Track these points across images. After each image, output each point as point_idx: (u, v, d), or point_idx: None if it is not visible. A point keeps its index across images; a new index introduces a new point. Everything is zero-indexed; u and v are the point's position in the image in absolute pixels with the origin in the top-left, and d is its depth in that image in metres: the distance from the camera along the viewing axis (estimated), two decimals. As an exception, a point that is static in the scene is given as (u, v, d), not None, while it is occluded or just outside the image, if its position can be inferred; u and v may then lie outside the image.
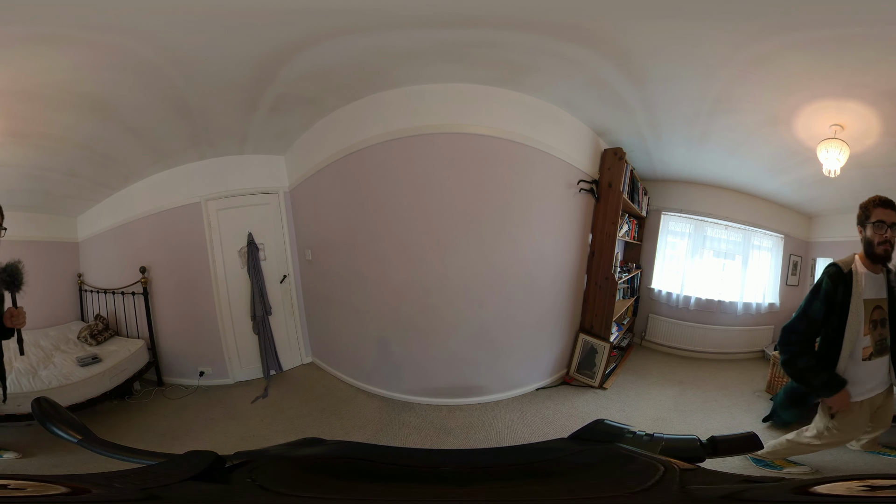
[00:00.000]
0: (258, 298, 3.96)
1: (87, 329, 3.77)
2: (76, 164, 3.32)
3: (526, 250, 3.48)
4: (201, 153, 3.71)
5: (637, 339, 5.08)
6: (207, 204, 3.84)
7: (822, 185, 3.70)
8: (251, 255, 3.96)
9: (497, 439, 3.04)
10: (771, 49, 2.23)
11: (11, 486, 0.61)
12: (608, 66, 2.62)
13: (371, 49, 2.50)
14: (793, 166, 3.62)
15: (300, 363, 4.31)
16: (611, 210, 3.78)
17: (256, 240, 4.01)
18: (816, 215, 4.62)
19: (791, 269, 4.71)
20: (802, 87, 2.59)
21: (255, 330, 4.00)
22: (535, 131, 3.23)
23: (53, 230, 3.95)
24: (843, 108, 2.70)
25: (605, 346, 3.86)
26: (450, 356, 3.49)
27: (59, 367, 3.17)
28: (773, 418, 2.93)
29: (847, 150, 2.91)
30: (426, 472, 0.79)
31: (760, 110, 2.92)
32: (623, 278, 4.42)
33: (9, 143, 2.79)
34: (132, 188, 3.85)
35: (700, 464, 0.77)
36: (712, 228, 4.80)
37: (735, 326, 4.72)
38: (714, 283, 4.83)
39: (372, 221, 3.44)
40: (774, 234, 4.70)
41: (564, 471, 0.79)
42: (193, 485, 0.63)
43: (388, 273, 3.46)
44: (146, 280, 3.83)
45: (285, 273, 4.20)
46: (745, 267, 4.78)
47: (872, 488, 0.60)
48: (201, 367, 3.90)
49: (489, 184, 3.25)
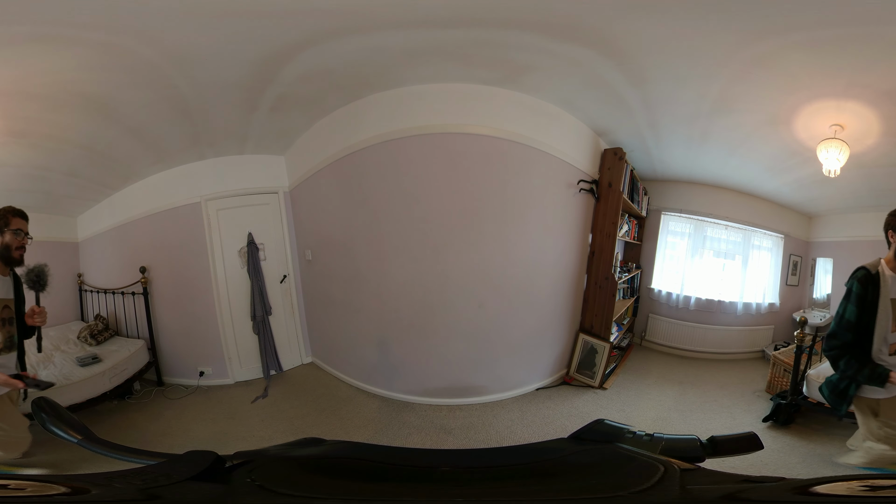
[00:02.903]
0: (258, 298, 3.96)
1: (87, 329, 3.77)
2: (76, 164, 3.32)
3: (526, 250, 3.48)
4: (201, 153, 3.71)
5: (637, 339, 5.08)
6: (207, 204, 3.84)
7: (822, 185, 3.70)
8: (251, 255, 3.96)
9: (497, 439, 3.04)
10: (771, 49, 2.23)
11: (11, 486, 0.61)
12: (608, 66, 2.62)
13: (371, 49, 2.50)
14: (793, 166, 3.62)
15: (300, 363, 4.31)
16: (611, 210, 3.78)
17: (256, 240, 4.01)
18: (816, 215, 4.62)
19: (791, 269, 4.71)
20: (802, 87, 2.59)
21: (255, 330, 4.00)
22: (534, 131, 3.23)
23: (53, 230, 3.95)
24: (843, 108, 2.70)
25: (605, 346, 3.86)
26: (450, 356, 3.49)
27: (59, 367, 3.17)
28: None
29: (847, 150, 2.91)
30: (426, 472, 0.79)
31: (760, 110, 2.92)
32: (623, 278, 4.42)
33: (9, 143, 2.79)
34: (132, 188, 3.85)
35: (700, 464, 0.77)
36: (712, 228, 4.80)
37: (735, 326, 4.72)
38: (714, 283, 4.83)
39: (372, 221, 3.44)
40: (774, 234, 4.70)
41: (564, 471, 0.79)
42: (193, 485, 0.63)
43: (388, 273, 3.46)
44: (146, 280, 3.83)
45: (285, 273, 4.20)
46: (745, 267, 4.78)
47: (872, 488, 0.60)
48: (201, 367, 3.90)
49: (489, 184, 3.25)
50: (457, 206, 3.23)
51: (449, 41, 2.47)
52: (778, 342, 4.54)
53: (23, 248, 2.18)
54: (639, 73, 2.68)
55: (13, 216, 2.17)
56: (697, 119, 3.17)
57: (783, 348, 4.08)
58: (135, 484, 0.62)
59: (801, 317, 3.50)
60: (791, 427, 3.06)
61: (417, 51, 2.59)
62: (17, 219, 2.18)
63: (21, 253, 2.17)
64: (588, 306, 4.01)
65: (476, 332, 3.47)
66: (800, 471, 2.54)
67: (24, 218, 2.21)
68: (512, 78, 2.92)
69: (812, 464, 2.63)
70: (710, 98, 2.85)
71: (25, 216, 2.23)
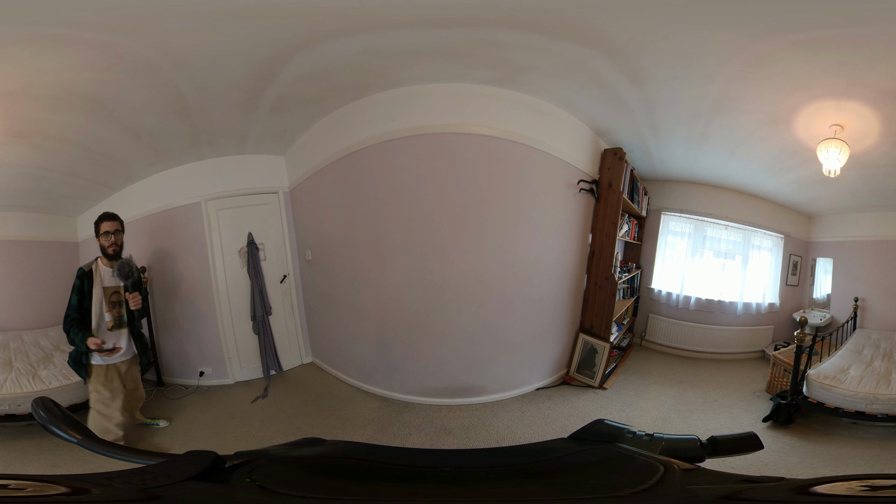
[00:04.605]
0: (258, 298, 3.96)
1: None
2: (76, 164, 3.32)
3: (526, 250, 3.48)
4: (201, 153, 3.71)
5: (637, 339, 5.08)
6: (207, 204, 3.84)
7: (822, 185, 3.70)
8: (251, 255, 3.96)
9: (497, 439, 3.04)
10: (771, 49, 2.23)
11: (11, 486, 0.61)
12: (608, 66, 2.62)
13: (371, 49, 2.50)
14: (793, 166, 3.62)
15: (300, 363, 4.31)
16: (611, 210, 3.78)
17: (256, 240, 4.01)
18: (816, 215, 4.61)
19: (791, 269, 4.71)
20: (802, 87, 2.59)
21: (255, 330, 4.00)
22: (534, 131, 3.23)
23: (53, 230, 3.94)
24: (843, 108, 2.70)
25: (605, 346, 3.86)
26: (450, 356, 3.49)
27: (60, 367, 3.16)
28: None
29: (847, 150, 2.91)
30: (426, 472, 0.79)
31: (760, 110, 2.92)
32: (623, 278, 4.42)
33: (9, 143, 2.79)
34: (132, 188, 3.85)
35: (700, 464, 0.77)
36: (712, 228, 4.80)
37: (735, 326, 4.71)
38: (714, 283, 4.83)
39: (372, 221, 3.44)
40: (774, 234, 4.70)
41: (564, 471, 0.79)
42: (193, 485, 0.63)
43: (388, 273, 3.46)
44: (146, 280, 3.82)
45: (285, 273, 4.20)
46: (745, 267, 4.78)
47: (872, 488, 0.60)
48: (201, 367, 3.90)
49: (489, 184, 3.25)
50: (457, 206, 3.23)
51: (449, 41, 2.47)
52: (778, 342, 4.54)
53: (115, 245, 2.74)
54: (639, 73, 2.67)
55: (102, 221, 2.75)
56: (697, 119, 3.17)
57: (783, 348, 4.08)
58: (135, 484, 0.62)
59: (801, 317, 3.50)
60: (791, 427, 3.06)
61: (417, 51, 2.59)
62: (106, 222, 2.75)
63: (115, 249, 2.74)
64: (588, 306, 4.01)
65: (476, 332, 3.47)
66: (800, 471, 2.54)
67: (112, 219, 2.77)
68: (512, 78, 2.92)
69: (812, 464, 2.63)
70: (710, 98, 2.85)
71: (114, 217, 2.79)
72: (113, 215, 2.80)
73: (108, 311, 2.71)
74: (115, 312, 2.73)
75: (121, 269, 2.70)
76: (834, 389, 3.01)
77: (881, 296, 4.04)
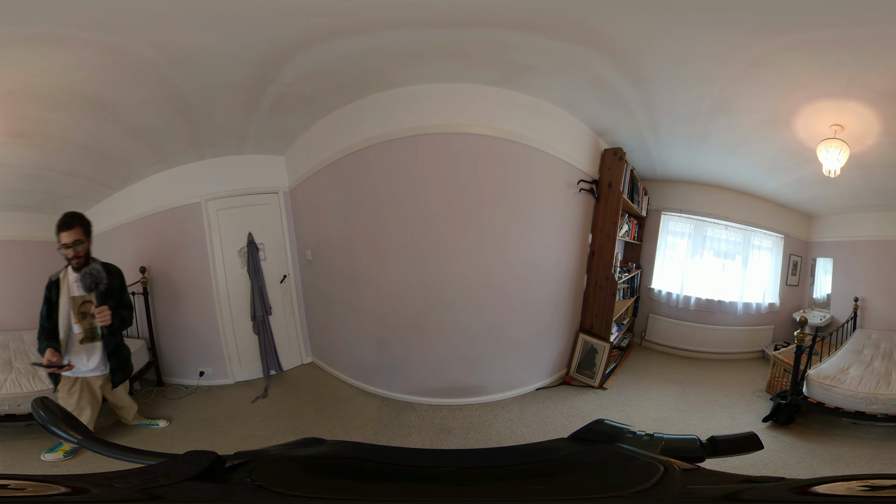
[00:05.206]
0: (258, 298, 3.96)
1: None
2: (76, 164, 3.32)
3: (526, 250, 3.48)
4: (201, 153, 3.71)
5: (637, 339, 5.08)
6: (207, 204, 3.84)
7: (822, 185, 3.70)
8: (251, 255, 3.96)
9: (497, 439, 3.04)
10: (771, 49, 2.23)
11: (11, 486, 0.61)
12: (608, 66, 2.61)
13: (371, 49, 2.50)
14: (793, 166, 3.62)
15: (300, 363, 4.31)
16: (611, 210, 3.78)
17: (256, 240, 4.01)
18: (816, 215, 4.62)
19: (791, 269, 4.71)
20: (802, 87, 2.59)
21: (255, 330, 4.00)
22: (535, 131, 3.23)
23: (53, 230, 3.94)
24: (843, 108, 2.70)
25: (605, 346, 3.86)
26: (450, 356, 3.49)
27: (59, 367, 3.16)
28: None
29: (847, 150, 2.91)
30: (426, 472, 0.79)
31: (760, 110, 2.92)
32: (623, 278, 4.42)
33: (8, 143, 2.79)
34: (132, 188, 3.85)
35: (700, 464, 0.77)
36: (712, 228, 4.80)
37: (735, 326, 4.72)
38: (714, 283, 4.83)
39: (372, 221, 3.44)
40: (774, 234, 4.70)
41: (564, 471, 0.79)
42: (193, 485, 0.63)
43: (388, 273, 3.46)
44: (146, 280, 3.82)
45: (285, 273, 4.20)
46: (745, 267, 4.78)
47: (872, 488, 0.60)
48: (201, 367, 3.90)
49: (489, 184, 3.25)
50: (457, 206, 3.23)
51: (448, 41, 2.47)
52: (778, 342, 4.54)
53: (78, 258, 2.50)
54: (639, 73, 2.67)
55: (58, 231, 2.47)
56: (697, 119, 3.17)
57: (783, 348, 4.08)
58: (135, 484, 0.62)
59: (801, 317, 3.50)
60: (791, 427, 3.06)
61: (417, 51, 2.59)
62: (62, 233, 2.48)
63: (78, 262, 2.51)
64: (588, 306, 4.01)
65: (476, 332, 3.47)
66: (800, 471, 2.54)
67: (68, 228, 2.48)
68: (512, 78, 2.92)
69: (812, 464, 2.63)
70: (710, 98, 2.84)
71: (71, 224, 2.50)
72: (69, 223, 2.49)
73: (78, 323, 2.47)
74: (87, 324, 2.48)
75: (83, 279, 2.47)
76: (834, 389, 3.01)
77: (881, 296, 4.04)
